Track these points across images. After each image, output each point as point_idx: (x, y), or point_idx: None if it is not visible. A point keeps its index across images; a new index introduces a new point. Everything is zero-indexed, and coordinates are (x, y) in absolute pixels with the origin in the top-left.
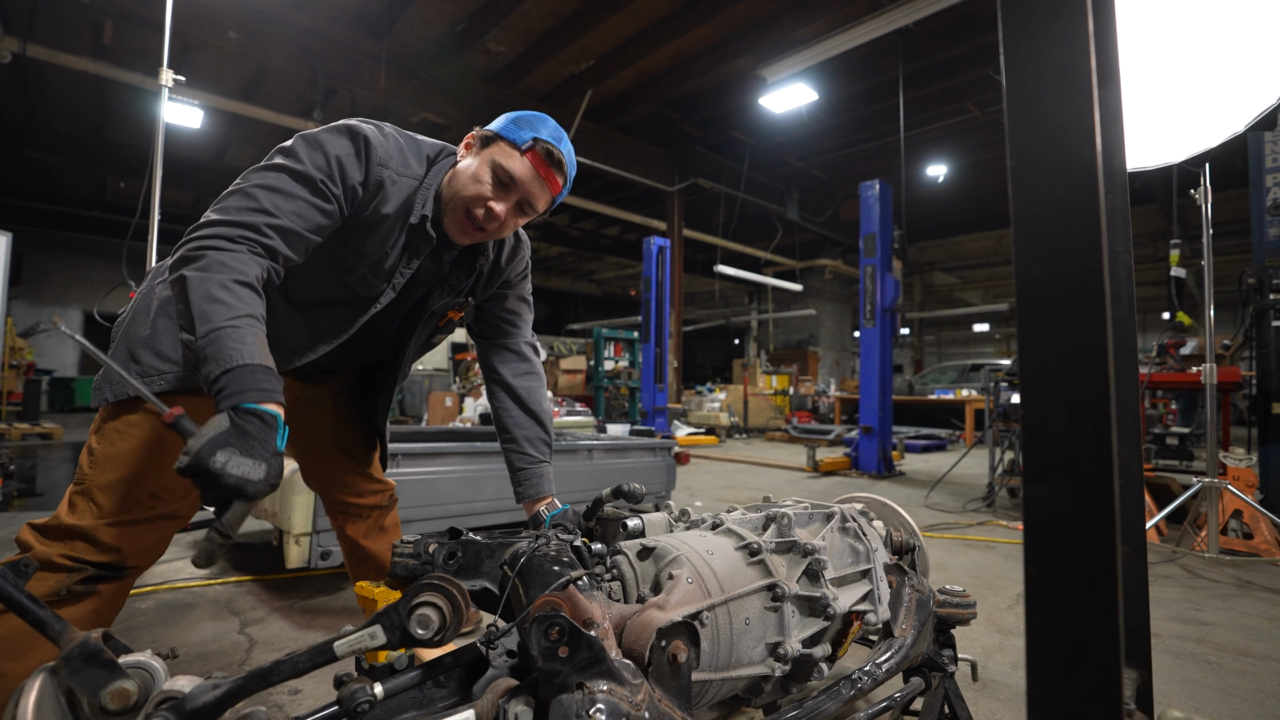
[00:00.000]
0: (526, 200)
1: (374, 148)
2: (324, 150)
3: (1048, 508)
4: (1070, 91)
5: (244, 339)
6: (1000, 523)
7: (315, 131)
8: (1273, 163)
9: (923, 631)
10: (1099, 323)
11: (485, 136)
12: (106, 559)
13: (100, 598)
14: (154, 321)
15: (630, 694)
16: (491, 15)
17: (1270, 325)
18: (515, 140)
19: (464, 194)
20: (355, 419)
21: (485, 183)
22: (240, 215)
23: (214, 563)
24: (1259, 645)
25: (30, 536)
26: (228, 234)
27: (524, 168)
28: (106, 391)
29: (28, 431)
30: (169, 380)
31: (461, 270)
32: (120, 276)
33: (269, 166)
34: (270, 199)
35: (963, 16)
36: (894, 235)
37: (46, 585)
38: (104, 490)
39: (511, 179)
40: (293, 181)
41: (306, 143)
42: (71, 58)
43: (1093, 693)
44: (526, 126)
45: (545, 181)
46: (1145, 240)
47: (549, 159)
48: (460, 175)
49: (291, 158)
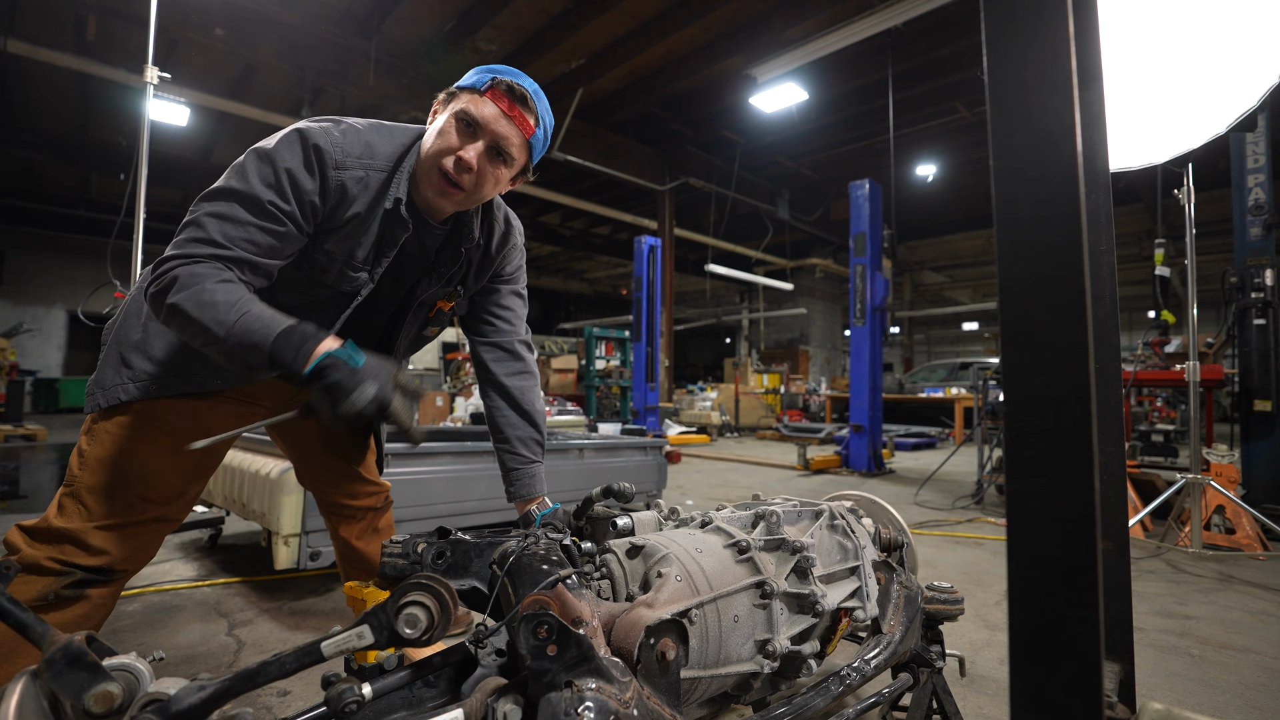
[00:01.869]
0: (497, 144)
1: (325, 153)
2: (273, 165)
3: (1030, 504)
4: (1051, 92)
5: (258, 317)
6: (989, 520)
7: (267, 143)
8: (1254, 163)
9: (911, 628)
10: (1079, 321)
11: (448, 93)
12: (96, 562)
13: (89, 603)
14: (145, 325)
15: (619, 692)
16: (481, 13)
17: (1252, 323)
18: (474, 85)
19: (432, 151)
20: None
21: (450, 132)
22: (194, 249)
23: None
24: (1240, 638)
25: (18, 539)
26: (190, 256)
27: (486, 107)
28: (99, 397)
29: (11, 433)
30: (161, 386)
31: (447, 255)
32: (105, 276)
33: (218, 191)
34: (221, 229)
35: (951, 17)
36: (884, 234)
37: (34, 589)
38: (93, 493)
39: (475, 121)
40: (240, 208)
41: (257, 158)
42: (54, 54)
43: (1074, 685)
44: (486, 72)
45: (513, 120)
46: (1130, 239)
47: (511, 94)
48: (427, 138)
49: (240, 178)
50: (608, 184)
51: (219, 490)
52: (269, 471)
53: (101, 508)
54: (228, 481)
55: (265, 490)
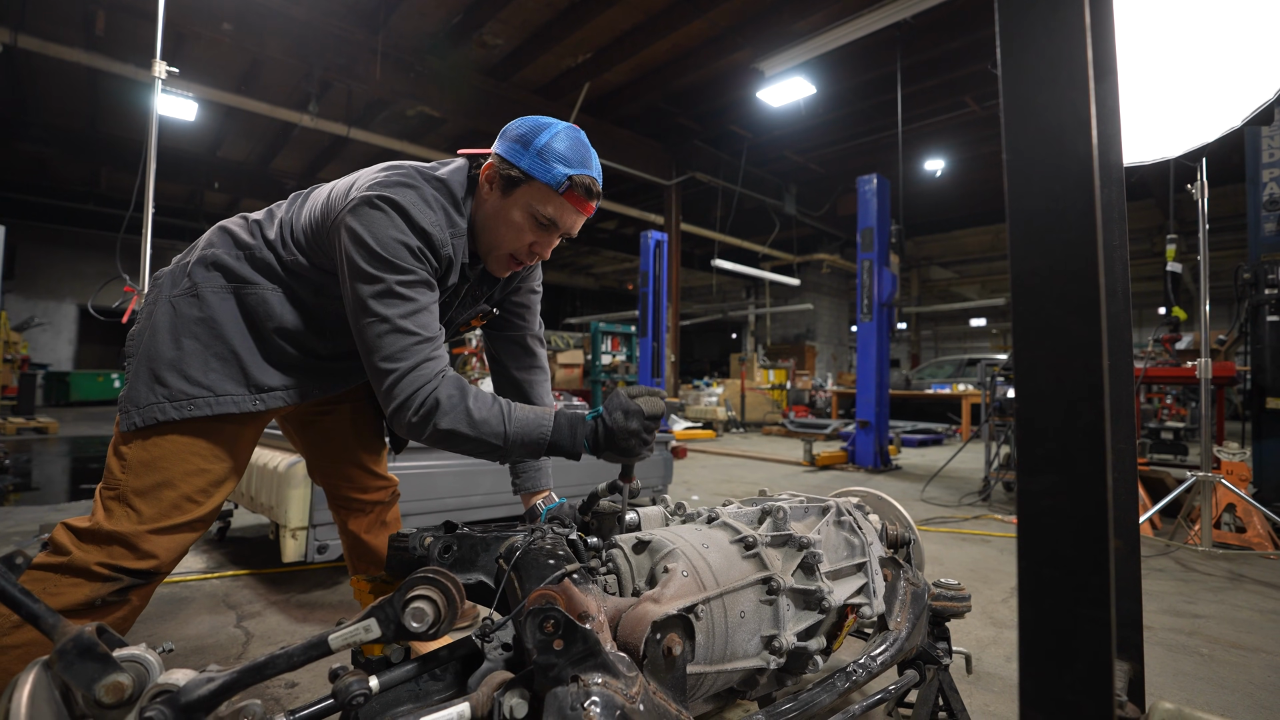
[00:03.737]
0: (567, 233)
1: (432, 236)
2: (408, 247)
3: (1041, 502)
4: (1066, 86)
5: (524, 419)
6: (996, 516)
7: (377, 233)
8: (1269, 158)
9: (917, 624)
10: (1093, 317)
11: (511, 177)
12: (144, 565)
13: (129, 605)
14: (179, 342)
15: (625, 686)
16: (488, 8)
17: (1265, 320)
18: (550, 183)
19: (506, 243)
20: (369, 418)
21: (525, 229)
22: (418, 355)
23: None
24: (1250, 638)
25: (66, 540)
26: (430, 378)
27: (564, 210)
28: (135, 416)
29: (23, 426)
30: (199, 406)
31: (485, 284)
32: (115, 269)
33: (393, 294)
34: (418, 322)
35: (961, 11)
36: (891, 230)
37: (82, 593)
38: (141, 495)
39: (553, 222)
40: (417, 294)
41: (395, 247)
42: (63, 49)
43: (1084, 684)
44: (555, 160)
45: (583, 213)
46: (1142, 235)
47: (589, 195)
48: (495, 221)
49: (396, 270)
50: (614, 179)
51: None
52: (277, 465)
53: (152, 511)
54: None
55: (273, 484)
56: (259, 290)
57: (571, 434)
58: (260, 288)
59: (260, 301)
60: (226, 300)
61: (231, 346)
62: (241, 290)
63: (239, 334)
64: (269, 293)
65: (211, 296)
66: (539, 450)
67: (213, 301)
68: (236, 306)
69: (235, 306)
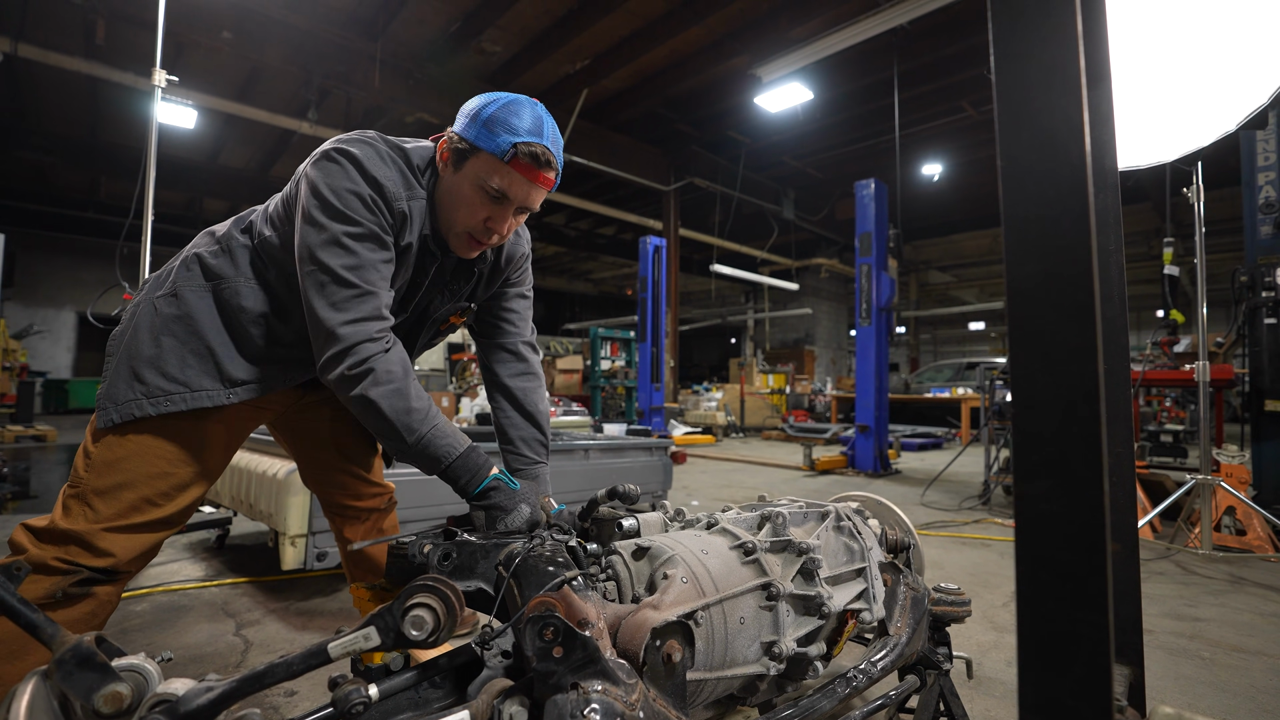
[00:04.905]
0: (523, 206)
1: (384, 187)
2: (358, 194)
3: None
4: (1059, 93)
5: (443, 433)
6: (996, 520)
7: (331, 182)
8: (1264, 161)
9: (918, 629)
10: (1089, 322)
11: (460, 150)
12: (101, 563)
13: (95, 599)
14: (158, 340)
15: (625, 694)
16: (486, 15)
17: (1263, 323)
18: (495, 151)
19: (461, 221)
20: (355, 422)
21: (477, 204)
22: (360, 309)
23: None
24: (1251, 641)
25: (24, 539)
26: (373, 337)
27: (512, 179)
28: (112, 412)
29: (21, 433)
30: (175, 401)
31: (461, 277)
32: (114, 277)
33: (339, 244)
34: (362, 275)
35: (957, 16)
36: (889, 234)
37: (42, 588)
38: (101, 495)
39: (502, 194)
40: (363, 247)
41: (341, 189)
42: (64, 58)
43: (1083, 689)
44: (501, 129)
45: (537, 184)
46: (1139, 238)
47: (535, 163)
48: (449, 197)
49: (345, 220)
50: (612, 184)
51: (226, 491)
52: (276, 472)
53: (109, 510)
54: (235, 482)
55: (272, 491)
56: (232, 283)
57: (472, 475)
58: (232, 281)
59: (233, 294)
60: (204, 298)
61: (207, 343)
62: (218, 286)
63: (214, 330)
64: (241, 284)
65: (190, 295)
66: (433, 468)
67: (191, 300)
68: (214, 303)
69: (213, 303)
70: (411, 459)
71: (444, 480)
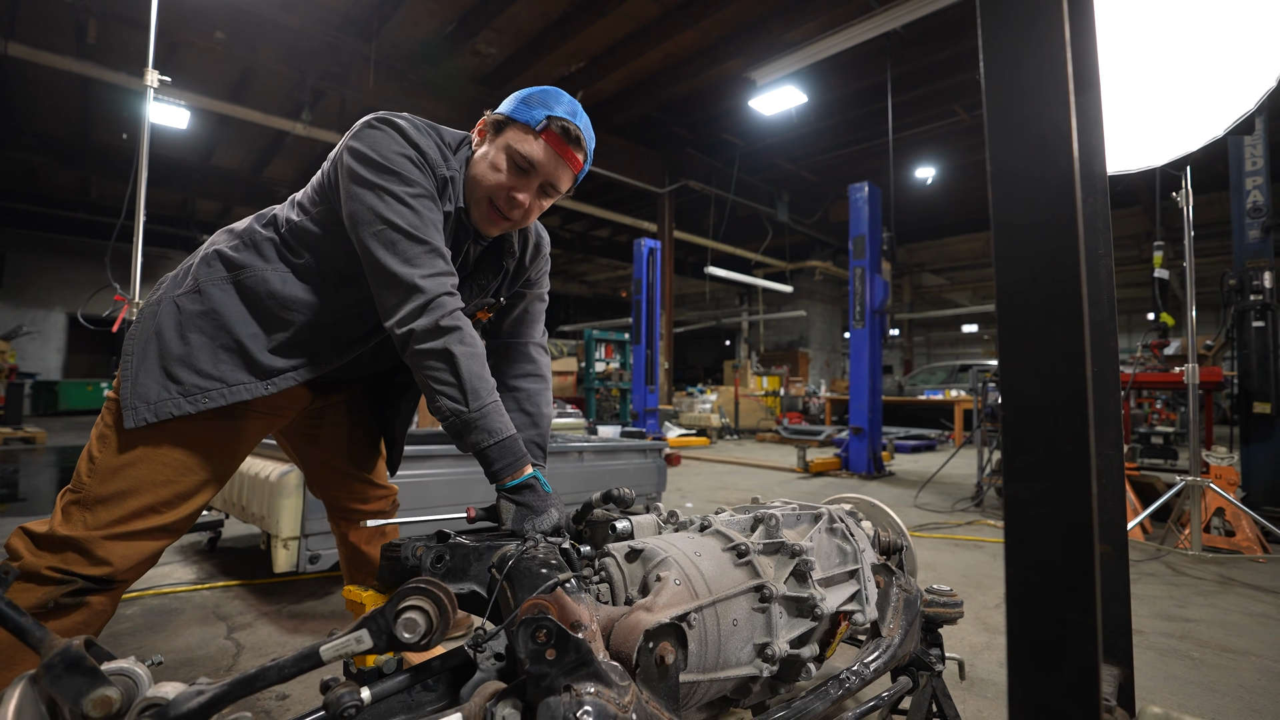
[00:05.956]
0: (549, 183)
1: (426, 153)
2: (408, 157)
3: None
4: (1047, 98)
5: (498, 413)
6: (989, 522)
7: (380, 148)
8: (1252, 166)
9: (910, 631)
10: (1076, 326)
11: (497, 121)
12: (98, 572)
13: (89, 609)
14: (186, 337)
15: (618, 696)
16: (481, 17)
17: (1251, 326)
18: (528, 122)
19: (485, 184)
20: (366, 426)
21: (503, 170)
22: (435, 264)
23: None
24: (1240, 641)
25: (21, 545)
26: (452, 291)
27: (541, 150)
28: (145, 411)
29: (10, 436)
30: (214, 398)
31: (488, 269)
32: (105, 278)
33: (402, 201)
34: (429, 234)
35: (950, 21)
36: (883, 237)
37: (34, 597)
38: (103, 502)
39: (530, 164)
40: (423, 206)
41: (398, 159)
42: (54, 57)
43: (1072, 690)
44: (538, 105)
45: (565, 160)
46: (1129, 242)
47: (566, 137)
48: (479, 165)
49: (402, 181)
50: (607, 187)
51: (218, 493)
52: (268, 475)
53: (110, 517)
54: (227, 484)
55: (265, 493)
56: (259, 271)
57: (509, 463)
58: (256, 269)
59: (260, 281)
60: (227, 291)
61: (236, 337)
62: (240, 276)
63: (242, 322)
64: (269, 272)
65: (213, 290)
66: (479, 443)
67: (214, 295)
68: (238, 294)
69: (236, 295)
70: (460, 427)
71: (480, 460)
